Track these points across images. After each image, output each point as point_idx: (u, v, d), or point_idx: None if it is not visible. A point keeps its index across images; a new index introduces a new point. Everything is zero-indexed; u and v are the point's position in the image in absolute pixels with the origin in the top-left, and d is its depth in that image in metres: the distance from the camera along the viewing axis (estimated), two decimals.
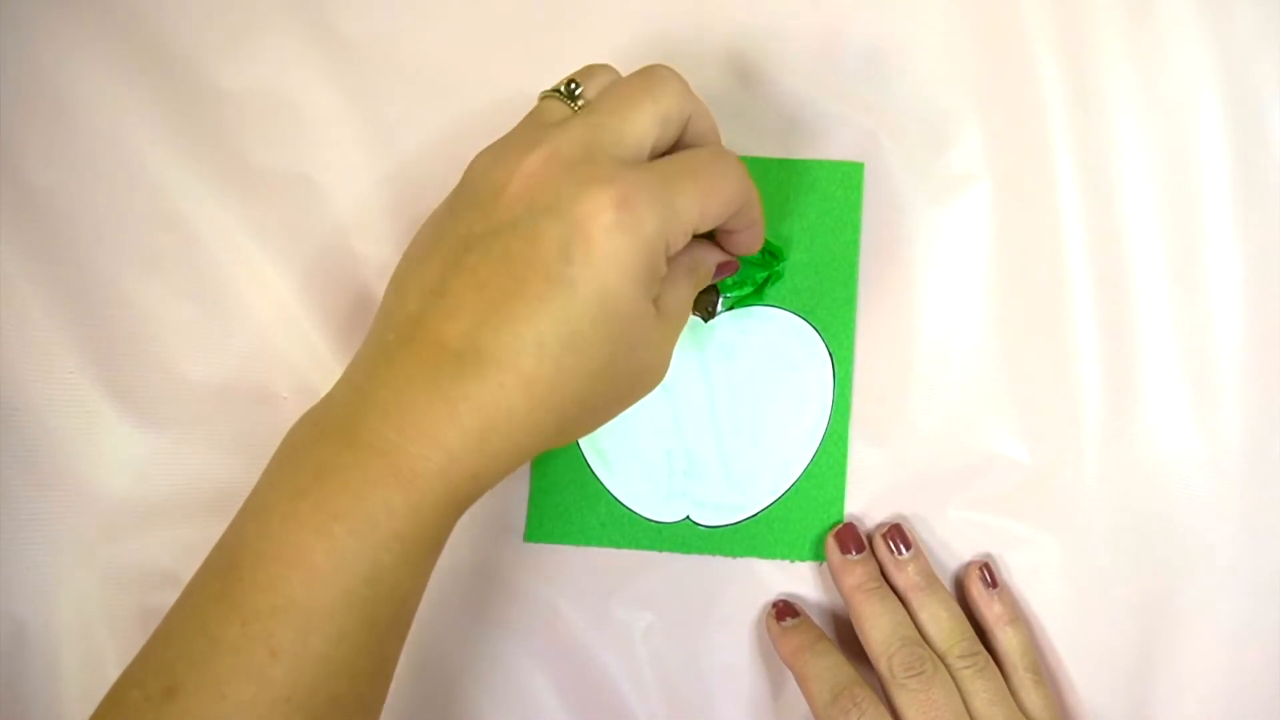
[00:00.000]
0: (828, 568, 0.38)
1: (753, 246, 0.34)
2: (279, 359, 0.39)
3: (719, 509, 0.39)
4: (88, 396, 0.39)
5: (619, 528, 0.39)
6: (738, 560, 0.38)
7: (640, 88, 0.30)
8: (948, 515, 0.38)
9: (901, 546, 0.37)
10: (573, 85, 0.31)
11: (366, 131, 0.41)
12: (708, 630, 0.38)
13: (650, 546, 0.38)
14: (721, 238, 0.34)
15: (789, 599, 0.38)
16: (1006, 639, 0.36)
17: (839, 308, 0.39)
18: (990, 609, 0.37)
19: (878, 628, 0.35)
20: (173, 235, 0.40)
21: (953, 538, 0.38)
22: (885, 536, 0.37)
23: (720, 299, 0.39)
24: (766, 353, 0.39)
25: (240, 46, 0.41)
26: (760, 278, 0.39)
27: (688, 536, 0.38)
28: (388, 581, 0.27)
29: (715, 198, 0.30)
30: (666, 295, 0.31)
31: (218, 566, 0.28)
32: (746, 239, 0.34)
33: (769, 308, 0.39)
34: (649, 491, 0.39)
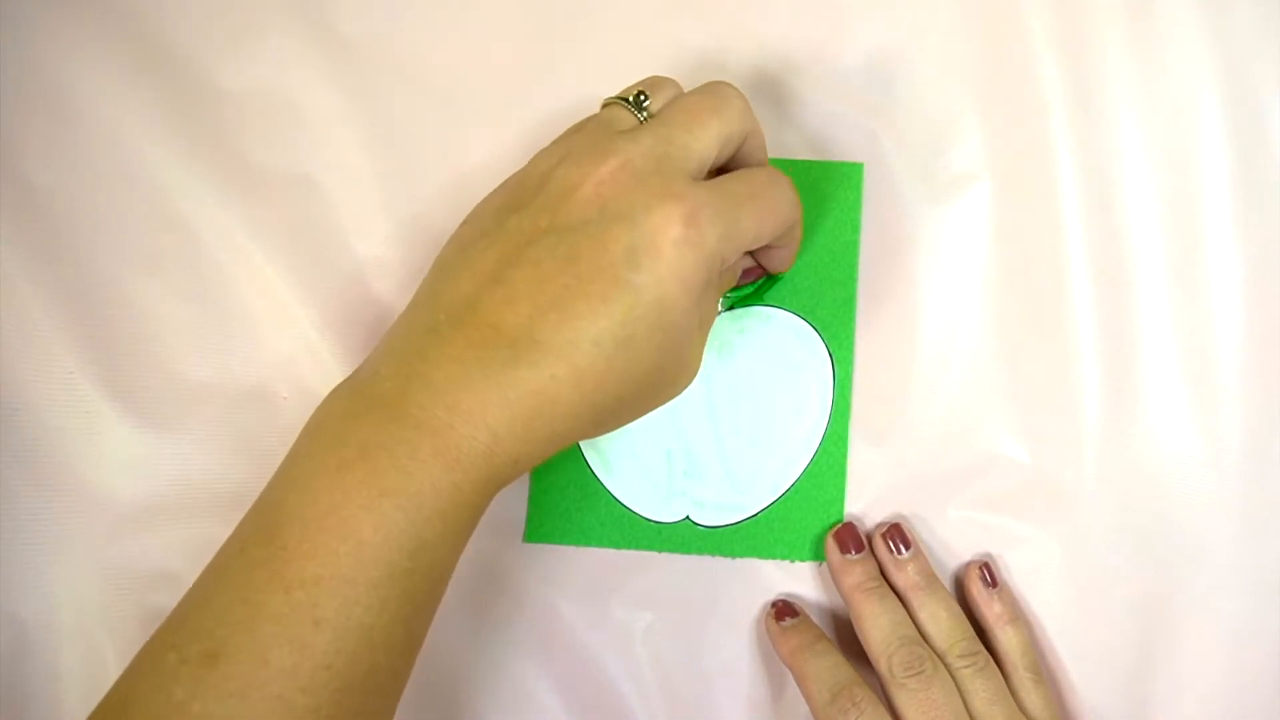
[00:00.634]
0: (827, 567, 0.38)
1: (785, 263, 0.37)
2: (279, 359, 0.39)
3: (719, 509, 0.39)
4: (88, 396, 0.39)
5: (619, 528, 0.39)
6: (738, 560, 0.38)
7: (707, 105, 0.31)
8: (948, 515, 0.38)
9: (901, 546, 0.37)
10: (641, 96, 0.32)
11: (366, 131, 0.41)
12: (708, 630, 0.38)
13: (650, 547, 0.38)
14: (759, 252, 0.36)
15: (789, 599, 0.38)
16: (1006, 638, 0.36)
17: (839, 308, 0.39)
18: (990, 608, 0.37)
19: (877, 627, 0.35)
20: (173, 235, 0.40)
21: (953, 538, 0.38)
22: (885, 536, 0.37)
23: (720, 299, 0.39)
24: (766, 353, 0.39)
25: (240, 46, 0.41)
26: (761, 277, 0.39)
27: (688, 537, 0.38)
28: (428, 557, 0.28)
29: (771, 219, 0.32)
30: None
31: (257, 535, 0.28)
32: (782, 255, 0.36)
33: (769, 308, 0.39)
34: (649, 492, 0.39)
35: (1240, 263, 0.38)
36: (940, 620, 0.36)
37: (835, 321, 0.39)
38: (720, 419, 0.39)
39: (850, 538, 0.37)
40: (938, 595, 0.36)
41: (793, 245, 0.36)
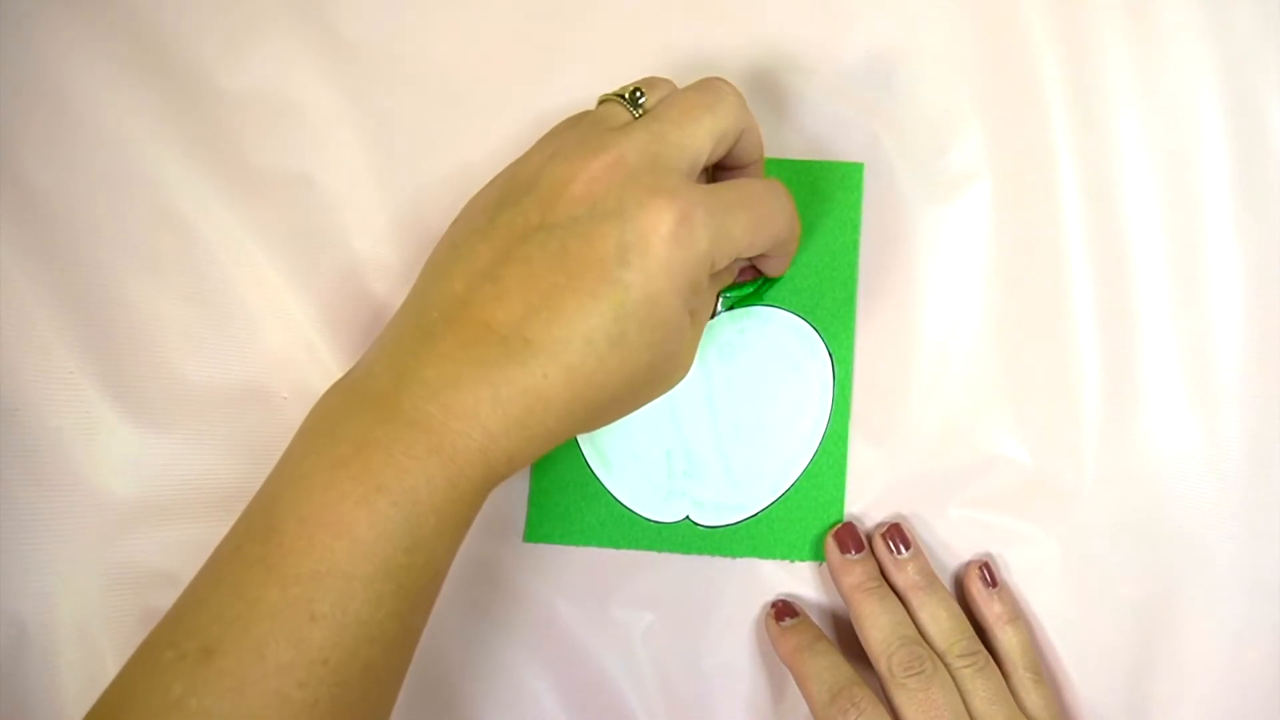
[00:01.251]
0: (827, 567, 0.38)
1: (779, 270, 0.37)
2: (279, 359, 0.39)
3: (719, 509, 0.39)
4: (88, 396, 0.39)
5: (619, 528, 0.39)
6: (738, 560, 0.38)
7: (700, 102, 0.31)
8: (948, 515, 0.38)
9: (901, 546, 0.37)
10: (637, 93, 0.32)
11: (366, 131, 0.41)
12: (708, 630, 0.38)
13: (650, 546, 0.38)
14: (755, 257, 0.36)
15: (789, 599, 0.38)
16: (1006, 638, 0.36)
17: (839, 308, 0.39)
18: (990, 608, 0.37)
19: (877, 627, 0.35)
20: (173, 235, 0.40)
21: (953, 538, 0.38)
22: (885, 536, 0.37)
23: (720, 298, 0.39)
24: (766, 353, 0.39)
25: (240, 46, 0.41)
26: (760, 278, 0.39)
27: (688, 536, 0.38)
28: (424, 553, 0.28)
29: (764, 230, 0.32)
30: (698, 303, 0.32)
31: (252, 532, 0.28)
32: (776, 263, 0.37)
33: (768, 308, 0.39)
34: (649, 491, 0.39)
35: (1240, 263, 0.38)
36: (940, 620, 0.36)
37: (835, 321, 0.39)
38: (720, 419, 0.39)
39: (850, 537, 0.37)
40: (938, 595, 0.36)
41: (788, 256, 0.36)
